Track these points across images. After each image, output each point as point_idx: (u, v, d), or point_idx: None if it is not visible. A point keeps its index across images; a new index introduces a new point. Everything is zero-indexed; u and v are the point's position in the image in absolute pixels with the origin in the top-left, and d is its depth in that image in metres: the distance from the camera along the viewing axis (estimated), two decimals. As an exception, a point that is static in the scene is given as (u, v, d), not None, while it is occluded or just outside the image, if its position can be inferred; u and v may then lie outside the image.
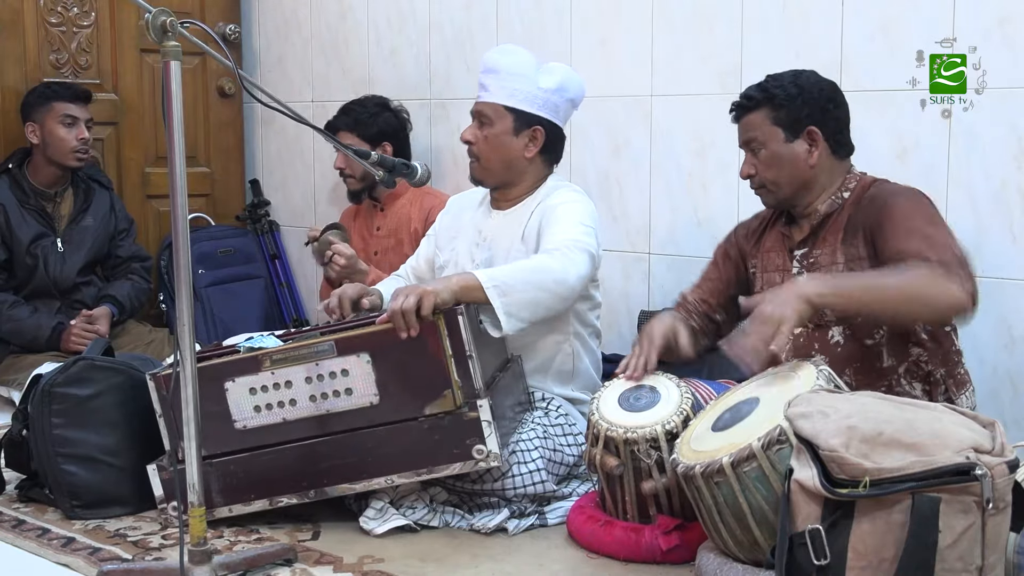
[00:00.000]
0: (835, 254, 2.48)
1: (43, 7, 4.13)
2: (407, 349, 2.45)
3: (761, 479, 2.03)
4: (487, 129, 2.84)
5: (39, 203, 3.87)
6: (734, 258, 2.73)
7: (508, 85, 2.82)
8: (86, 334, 3.72)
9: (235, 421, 2.54)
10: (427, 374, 2.46)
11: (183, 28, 2.09)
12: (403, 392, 2.47)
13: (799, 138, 2.51)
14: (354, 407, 2.50)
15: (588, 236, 2.73)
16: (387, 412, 2.48)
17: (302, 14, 4.51)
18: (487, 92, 2.85)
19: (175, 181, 2.12)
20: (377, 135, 3.75)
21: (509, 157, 2.85)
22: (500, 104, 2.82)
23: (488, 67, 2.86)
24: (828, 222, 2.52)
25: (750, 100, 2.55)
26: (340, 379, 2.50)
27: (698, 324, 2.70)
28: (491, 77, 2.84)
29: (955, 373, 2.51)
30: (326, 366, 2.50)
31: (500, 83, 2.83)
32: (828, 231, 2.51)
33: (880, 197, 2.46)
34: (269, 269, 4.67)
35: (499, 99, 2.82)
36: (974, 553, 1.76)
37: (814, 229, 2.54)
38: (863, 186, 2.52)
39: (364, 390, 2.49)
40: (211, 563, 2.16)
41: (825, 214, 2.52)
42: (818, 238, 2.52)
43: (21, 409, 2.79)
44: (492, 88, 2.84)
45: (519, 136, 2.84)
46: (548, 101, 2.84)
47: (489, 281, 2.52)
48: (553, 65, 2.93)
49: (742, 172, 2.60)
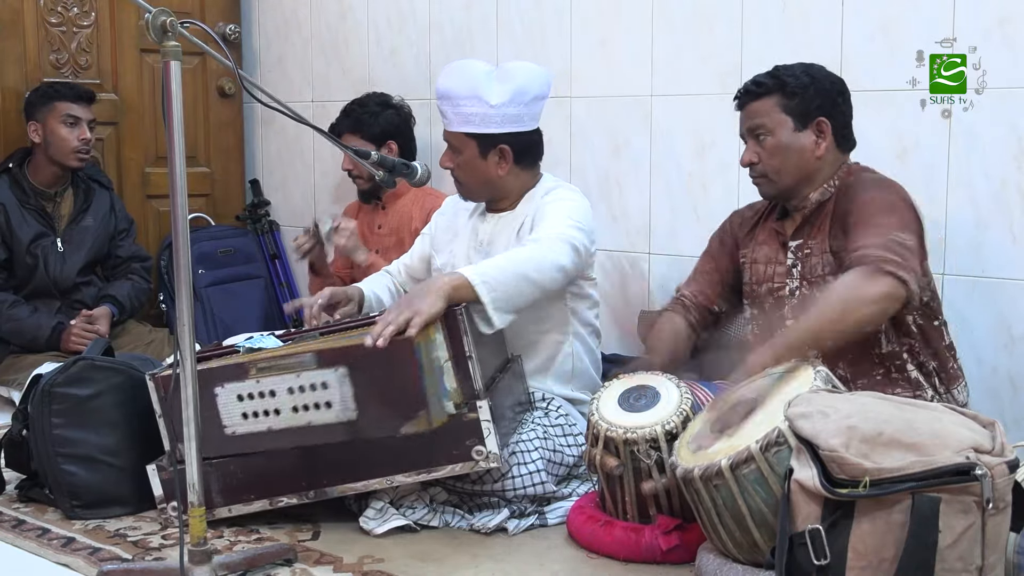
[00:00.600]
0: (824, 243, 2.49)
1: (43, 7, 4.13)
2: (383, 365, 2.42)
3: (760, 481, 2.03)
4: (457, 156, 2.84)
5: (39, 203, 3.87)
6: (728, 245, 2.74)
7: (462, 111, 2.78)
8: (86, 334, 3.71)
9: (225, 427, 2.53)
10: (402, 393, 2.43)
11: (183, 28, 2.09)
12: (379, 410, 2.45)
13: (808, 128, 2.50)
14: (333, 421, 2.47)
15: (574, 230, 2.72)
16: (365, 428, 2.46)
17: (302, 14, 4.50)
18: (447, 120, 2.82)
19: (175, 181, 2.11)
20: (380, 134, 3.75)
21: (485, 178, 2.85)
22: (459, 132, 2.80)
23: (440, 94, 2.82)
24: (820, 212, 2.53)
25: (760, 86, 2.53)
26: (320, 392, 2.47)
27: (696, 319, 2.71)
28: (446, 104, 2.81)
29: (948, 367, 2.52)
30: (307, 377, 2.47)
31: (455, 110, 2.79)
32: (819, 221, 2.53)
33: (853, 189, 2.48)
34: (269, 269, 4.67)
35: (458, 127, 2.80)
36: (974, 553, 1.76)
37: (806, 219, 2.55)
38: (848, 173, 2.54)
39: (342, 404, 2.47)
40: (211, 563, 2.16)
41: (817, 202, 2.53)
42: (813, 227, 2.53)
43: (21, 409, 2.79)
44: (449, 116, 2.81)
45: (487, 158, 2.82)
46: (505, 115, 2.79)
47: (477, 277, 2.52)
48: (509, 68, 2.85)
49: (743, 160, 2.57)
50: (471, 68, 2.83)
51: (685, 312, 2.71)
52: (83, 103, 3.85)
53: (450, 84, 2.80)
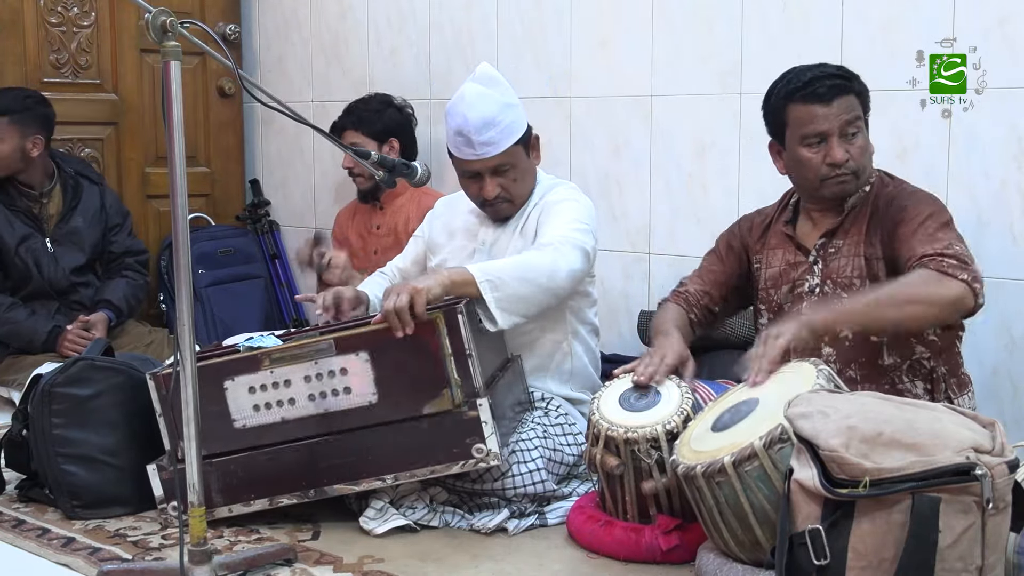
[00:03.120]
0: (858, 247, 2.48)
1: (43, 7, 4.13)
2: (405, 348, 2.45)
3: (763, 478, 2.03)
4: (511, 172, 2.78)
5: (25, 204, 3.83)
6: (737, 250, 2.71)
7: (506, 125, 2.73)
8: (81, 340, 3.70)
9: (234, 420, 2.54)
10: (425, 373, 2.46)
11: (183, 28, 2.09)
12: (401, 391, 2.47)
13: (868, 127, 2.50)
14: (353, 406, 2.50)
15: (582, 233, 2.72)
16: (386, 411, 2.48)
17: (302, 14, 4.51)
18: (493, 145, 2.73)
19: (175, 181, 2.12)
20: (382, 132, 3.75)
21: (533, 176, 2.86)
22: (510, 146, 2.75)
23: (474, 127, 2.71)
24: (852, 214, 2.51)
25: (846, 80, 2.45)
26: (339, 378, 2.50)
27: (697, 316, 2.70)
28: (487, 132, 2.72)
29: (958, 373, 2.52)
30: (325, 365, 2.50)
31: (499, 131, 2.73)
32: (851, 222, 2.51)
33: (899, 200, 2.47)
34: (269, 269, 4.67)
35: (508, 143, 2.74)
36: (974, 553, 1.76)
37: (842, 221, 2.52)
38: (881, 182, 2.52)
39: (363, 389, 2.49)
40: (211, 563, 2.16)
41: (852, 206, 2.51)
42: (840, 229, 2.52)
43: (21, 409, 2.79)
44: (495, 139, 2.73)
45: (530, 155, 2.84)
46: (520, 108, 2.81)
47: (482, 275, 2.52)
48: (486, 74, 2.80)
49: (837, 157, 2.43)
50: (477, 90, 2.76)
51: (688, 308, 2.70)
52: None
53: (485, 109, 2.73)
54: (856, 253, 2.48)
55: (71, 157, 4.10)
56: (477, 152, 2.74)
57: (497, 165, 2.77)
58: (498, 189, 2.79)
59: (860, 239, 2.48)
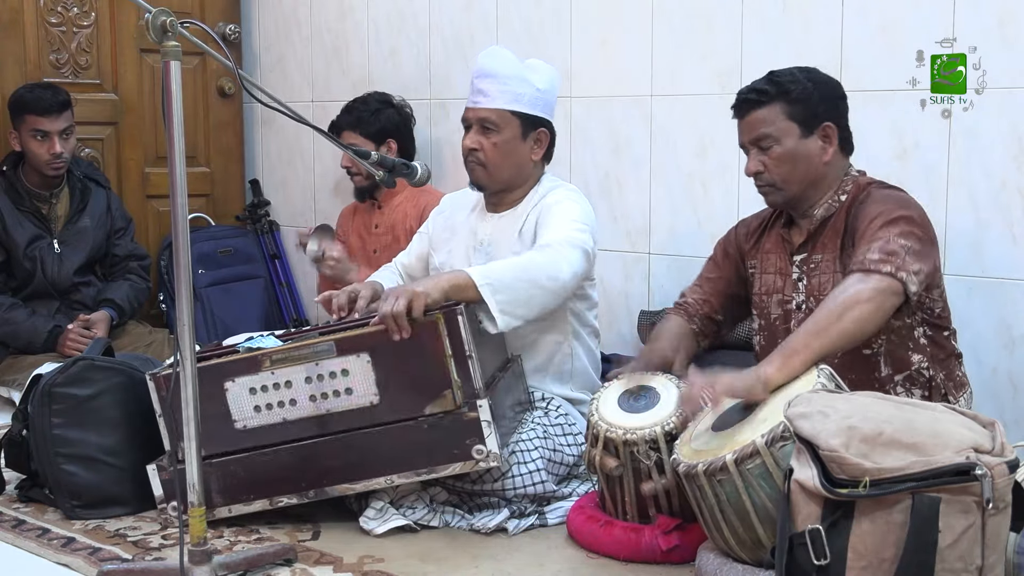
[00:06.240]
0: (835, 262, 2.46)
1: (43, 7, 4.13)
2: (407, 349, 2.45)
3: (765, 476, 2.03)
4: (494, 136, 2.80)
5: (34, 205, 3.85)
6: (733, 256, 2.71)
7: (510, 89, 2.78)
8: (82, 339, 3.70)
9: (235, 421, 2.54)
10: (427, 373, 2.46)
11: (183, 28, 2.09)
12: (403, 392, 2.47)
13: (814, 134, 2.46)
14: (354, 407, 2.50)
15: (582, 234, 2.72)
16: (387, 412, 2.48)
17: (302, 14, 4.51)
18: (487, 97, 2.79)
19: (175, 181, 2.12)
20: (380, 132, 3.75)
21: (519, 162, 2.84)
22: (505, 109, 2.79)
23: (484, 72, 2.81)
24: (826, 226, 2.50)
25: (761, 94, 2.46)
26: (340, 379, 2.50)
27: (699, 327, 2.69)
28: (491, 82, 2.79)
29: (954, 376, 2.51)
30: (326, 366, 2.50)
31: (500, 87, 2.78)
32: (827, 236, 2.49)
33: (864, 207, 2.43)
34: (269, 269, 4.67)
35: (503, 104, 2.78)
36: (974, 553, 1.76)
37: (812, 233, 2.51)
38: (858, 188, 2.49)
39: (364, 390, 2.49)
40: (211, 563, 2.16)
41: (822, 218, 2.50)
42: (817, 242, 2.50)
43: (21, 409, 2.79)
44: (493, 93, 2.78)
45: (526, 140, 2.83)
46: (547, 102, 2.84)
47: (482, 279, 2.52)
48: (533, 63, 2.89)
49: (748, 169, 2.51)
50: (510, 54, 2.85)
51: (688, 319, 2.69)
52: (52, 115, 3.73)
53: (496, 63, 2.81)
54: (835, 269, 2.45)
55: (79, 159, 4.10)
56: (473, 99, 2.81)
57: (484, 119, 2.80)
58: (476, 144, 2.81)
59: (836, 254, 2.47)
